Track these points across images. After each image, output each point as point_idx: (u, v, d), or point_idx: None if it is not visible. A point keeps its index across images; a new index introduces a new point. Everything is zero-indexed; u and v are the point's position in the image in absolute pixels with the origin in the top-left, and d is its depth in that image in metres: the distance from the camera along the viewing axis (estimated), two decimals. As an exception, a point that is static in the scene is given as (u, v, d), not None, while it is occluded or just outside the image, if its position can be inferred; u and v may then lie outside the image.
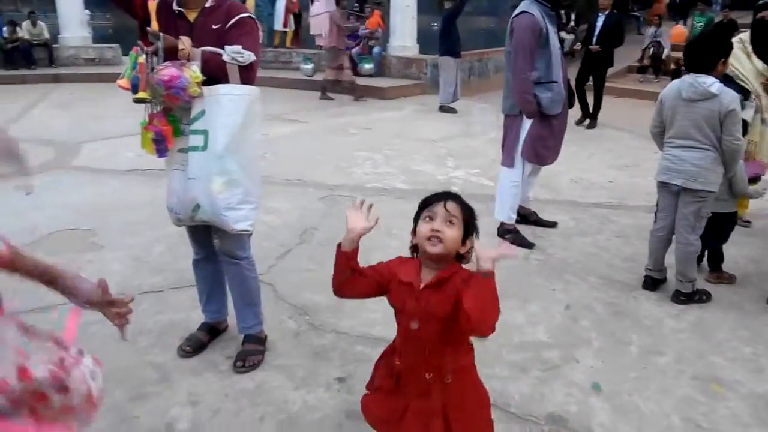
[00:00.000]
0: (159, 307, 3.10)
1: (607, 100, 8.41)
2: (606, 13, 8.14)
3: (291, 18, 13.27)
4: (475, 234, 1.59)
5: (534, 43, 3.65)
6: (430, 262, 1.58)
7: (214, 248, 2.63)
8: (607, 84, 8.37)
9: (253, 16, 2.48)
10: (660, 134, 3.38)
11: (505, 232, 4.09)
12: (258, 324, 2.70)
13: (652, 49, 12.10)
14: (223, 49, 2.31)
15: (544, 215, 4.53)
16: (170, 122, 2.40)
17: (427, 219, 1.55)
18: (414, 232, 1.62)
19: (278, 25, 13.19)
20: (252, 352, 2.63)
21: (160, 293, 3.25)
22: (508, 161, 4.02)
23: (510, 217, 4.08)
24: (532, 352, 2.78)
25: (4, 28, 12.31)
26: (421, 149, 6.72)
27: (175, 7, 2.38)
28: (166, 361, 2.63)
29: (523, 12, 3.69)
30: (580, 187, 5.51)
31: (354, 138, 7.28)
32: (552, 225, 4.43)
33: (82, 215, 4.36)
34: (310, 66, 11.55)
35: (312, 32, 12.90)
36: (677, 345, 2.89)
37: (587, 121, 8.22)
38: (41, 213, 4.32)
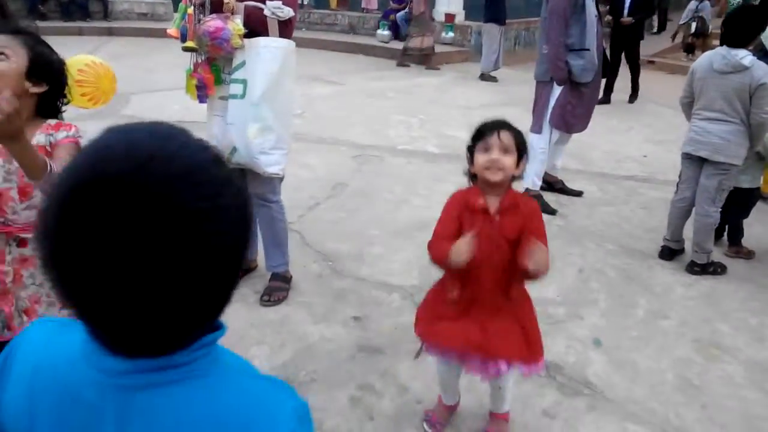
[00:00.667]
0: (196, 245, 3.36)
1: (658, 76, 8.21)
2: None
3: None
4: (525, 155, 1.76)
5: (568, 10, 3.68)
6: (490, 189, 1.75)
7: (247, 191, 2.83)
8: (658, 60, 8.03)
9: None
10: (689, 105, 3.40)
11: (528, 197, 4.18)
12: (284, 264, 2.92)
13: (694, 25, 11.09)
14: (264, 4, 2.48)
15: (572, 185, 4.59)
16: (213, 71, 2.59)
17: (483, 150, 1.72)
18: (471, 162, 1.78)
19: None
20: (278, 289, 2.86)
21: (197, 233, 3.51)
22: (536, 127, 4.08)
23: (535, 183, 4.16)
24: (540, 308, 2.86)
25: (63, -19, 12.75)
26: (456, 116, 6.78)
27: None
28: (200, 292, 2.89)
29: None
30: (613, 159, 5.51)
31: (391, 102, 7.38)
32: (578, 194, 4.49)
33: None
34: (387, 32, 11.29)
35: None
36: (683, 311, 2.99)
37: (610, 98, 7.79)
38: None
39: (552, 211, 4.09)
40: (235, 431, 0.59)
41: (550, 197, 4.28)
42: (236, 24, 2.45)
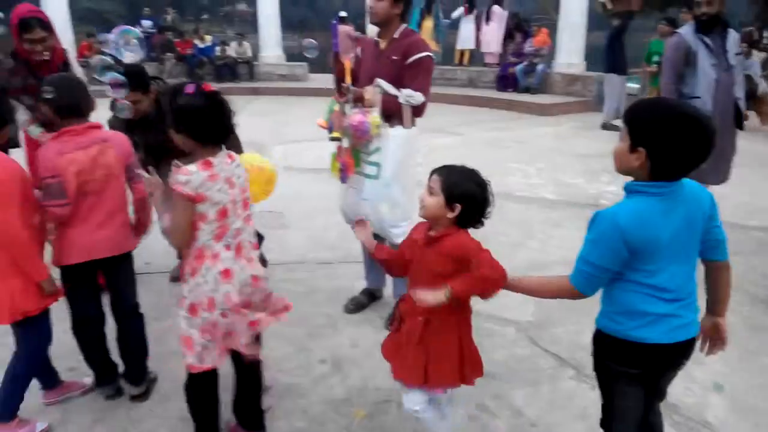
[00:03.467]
0: (331, 275, 3.80)
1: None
2: None
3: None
4: (460, 201, 1.82)
5: (678, 61, 3.92)
6: (432, 224, 1.92)
7: (377, 235, 3.21)
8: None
9: (432, 55, 2.99)
10: None
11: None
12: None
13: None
14: (398, 78, 2.89)
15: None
16: (353, 156, 3.03)
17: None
18: None
19: (469, 44, 13.27)
20: (402, 315, 3.17)
21: (332, 265, 3.96)
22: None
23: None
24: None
25: (216, 47, 14.66)
26: (575, 164, 6.85)
27: (375, 37, 3.03)
28: (335, 314, 3.29)
29: (675, 32, 4.09)
30: (743, 210, 5.29)
31: (508, 150, 7.62)
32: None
33: (275, 201, 5.26)
34: (637, 85, 10.58)
35: (483, 50, 13.26)
36: (817, 363, 2.86)
37: None
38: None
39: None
40: (702, 198, 1.67)
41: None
42: (375, 117, 2.88)
